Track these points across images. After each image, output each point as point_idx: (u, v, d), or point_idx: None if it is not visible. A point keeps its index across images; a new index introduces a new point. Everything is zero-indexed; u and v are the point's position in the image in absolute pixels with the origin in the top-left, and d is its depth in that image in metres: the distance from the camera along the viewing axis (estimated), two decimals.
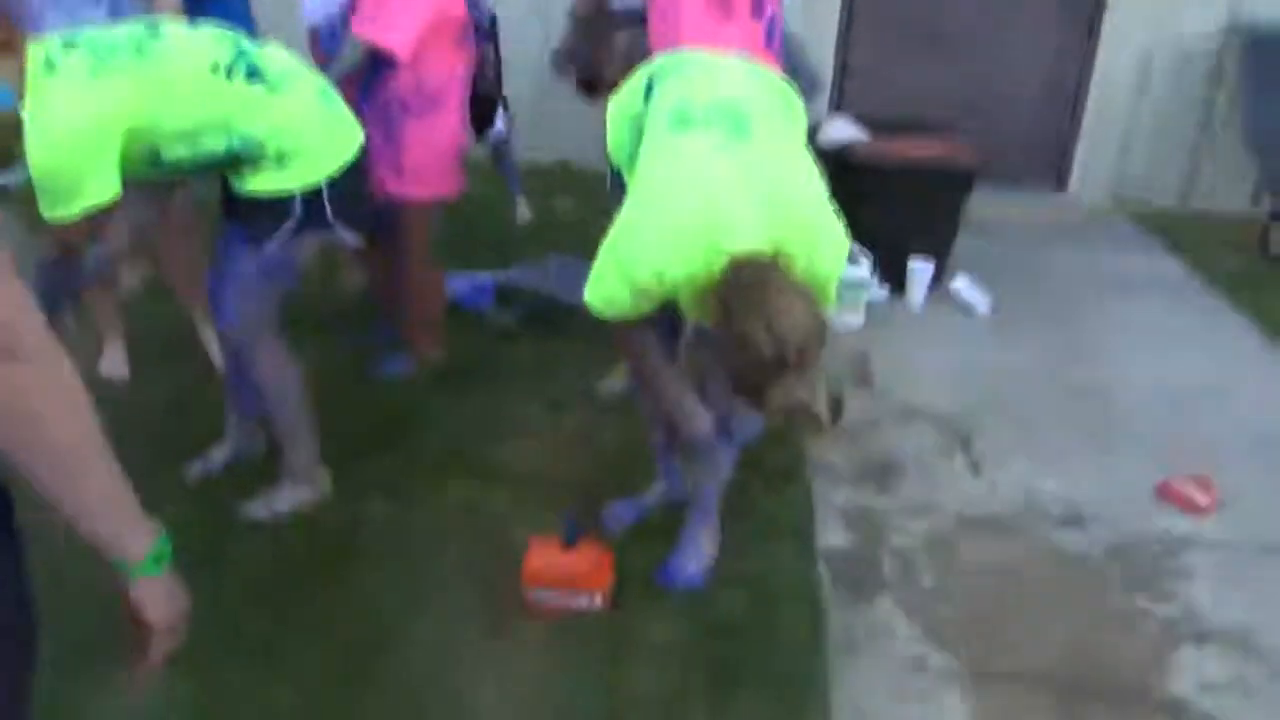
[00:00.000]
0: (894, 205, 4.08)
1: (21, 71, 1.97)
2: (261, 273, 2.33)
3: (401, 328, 3.30)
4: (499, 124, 4.68)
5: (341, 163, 2.31)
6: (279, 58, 2.26)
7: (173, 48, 2.11)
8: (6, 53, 1.96)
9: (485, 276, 3.85)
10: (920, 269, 4.16)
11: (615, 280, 1.93)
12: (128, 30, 2.11)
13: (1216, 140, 5.72)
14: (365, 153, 2.39)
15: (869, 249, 3.94)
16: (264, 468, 2.64)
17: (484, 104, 3.69)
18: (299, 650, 2.10)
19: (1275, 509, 2.83)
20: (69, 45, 2.03)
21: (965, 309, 4.16)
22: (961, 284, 4.23)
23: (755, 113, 2.01)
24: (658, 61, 2.28)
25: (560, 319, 3.57)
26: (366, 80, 2.95)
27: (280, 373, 2.47)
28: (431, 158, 3.05)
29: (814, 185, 1.97)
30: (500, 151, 4.77)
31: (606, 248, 1.96)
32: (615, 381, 3.16)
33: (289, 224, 2.27)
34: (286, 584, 2.30)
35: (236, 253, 2.33)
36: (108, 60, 2.02)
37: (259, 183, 2.24)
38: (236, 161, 2.21)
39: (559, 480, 2.74)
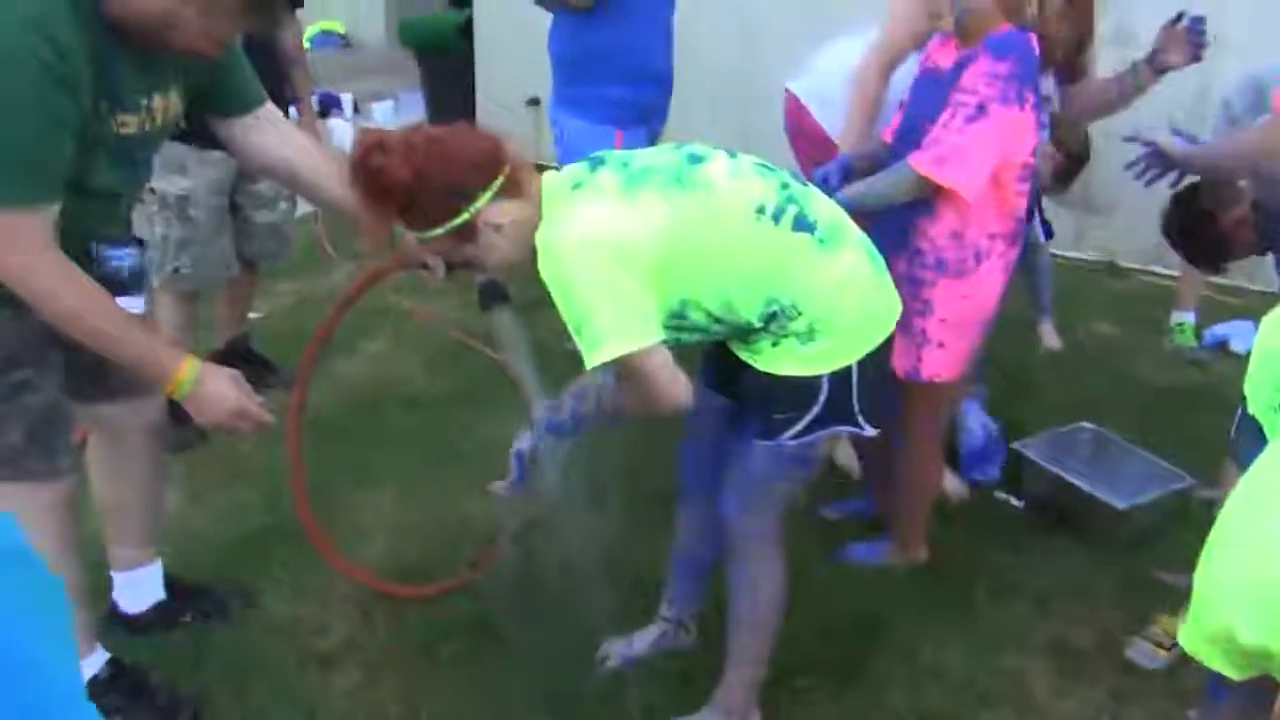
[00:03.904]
0: None
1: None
2: (773, 472, 1.95)
3: (885, 509, 2.84)
4: (1038, 225, 3.98)
5: (878, 340, 1.91)
6: (824, 203, 1.93)
7: (716, 178, 1.82)
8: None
9: (996, 442, 3.17)
10: None
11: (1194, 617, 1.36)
12: (664, 153, 1.86)
13: None
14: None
15: None
16: (686, 673, 2.30)
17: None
18: None
19: None
20: (595, 163, 1.84)
21: None
22: None
23: None
24: None
25: (1081, 517, 2.88)
26: (892, 224, 2.37)
27: (762, 583, 2.07)
28: (966, 328, 2.46)
29: None
30: (1033, 258, 4.05)
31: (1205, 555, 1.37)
32: (1155, 653, 2.38)
33: (812, 414, 1.87)
34: None
35: (746, 448, 1.94)
36: (642, 181, 1.78)
37: (782, 360, 1.85)
38: (756, 330, 1.84)
39: None
